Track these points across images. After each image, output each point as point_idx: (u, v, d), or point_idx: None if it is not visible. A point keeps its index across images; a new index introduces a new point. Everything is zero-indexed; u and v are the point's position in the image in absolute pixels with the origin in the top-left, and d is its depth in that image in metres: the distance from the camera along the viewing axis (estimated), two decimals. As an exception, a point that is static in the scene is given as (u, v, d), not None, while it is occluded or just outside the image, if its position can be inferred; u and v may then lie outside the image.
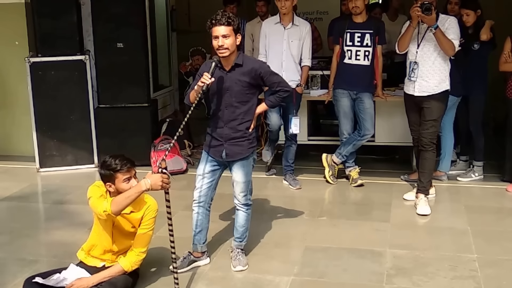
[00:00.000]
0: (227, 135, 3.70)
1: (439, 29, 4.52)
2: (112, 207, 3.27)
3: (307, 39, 5.27)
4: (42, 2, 5.86)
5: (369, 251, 4.07)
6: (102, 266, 3.51)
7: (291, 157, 5.52)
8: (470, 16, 5.20)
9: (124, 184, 3.39)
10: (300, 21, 5.31)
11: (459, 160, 5.77)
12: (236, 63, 3.63)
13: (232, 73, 3.64)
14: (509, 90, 5.14)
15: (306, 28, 5.28)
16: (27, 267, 3.86)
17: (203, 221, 3.85)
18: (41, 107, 6.01)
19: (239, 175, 3.77)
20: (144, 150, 5.93)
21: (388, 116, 5.74)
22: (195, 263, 3.88)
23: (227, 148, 3.71)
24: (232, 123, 3.69)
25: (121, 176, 3.38)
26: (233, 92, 3.65)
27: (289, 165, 5.54)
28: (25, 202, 5.29)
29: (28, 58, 5.94)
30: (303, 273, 3.78)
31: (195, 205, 3.84)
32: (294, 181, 5.50)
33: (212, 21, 3.53)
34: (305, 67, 5.34)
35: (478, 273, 3.73)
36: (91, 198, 3.41)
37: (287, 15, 5.19)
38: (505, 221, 4.61)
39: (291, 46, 5.21)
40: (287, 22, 5.22)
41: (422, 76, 4.69)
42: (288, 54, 5.21)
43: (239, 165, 3.76)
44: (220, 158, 3.75)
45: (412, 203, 4.90)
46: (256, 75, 3.65)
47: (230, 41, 3.53)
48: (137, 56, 6.01)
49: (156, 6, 6.83)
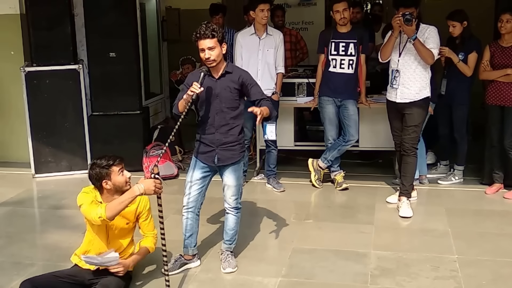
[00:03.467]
0: (219, 141, 3.76)
1: (417, 39, 4.65)
2: (106, 213, 3.33)
3: (280, 47, 5.41)
4: (37, 14, 5.92)
5: (354, 252, 4.15)
6: (97, 269, 3.56)
7: (272, 162, 5.62)
8: (456, 28, 5.30)
9: (119, 176, 3.50)
10: (273, 31, 5.45)
11: (440, 164, 5.86)
12: (227, 71, 3.73)
13: (221, 80, 3.73)
14: (488, 96, 5.24)
15: (279, 37, 5.43)
16: (23, 270, 3.91)
17: (193, 225, 3.92)
18: (36, 115, 6.06)
19: (231, 179, 3.83)
20: (137, 156, 6.01)
21: (371, 122, 5.81)
22: (186, 265, 3.95)
23: (219, 153, 3.77)
24: (223, 128, 3.75)
25: (116, 168, 3.50)
26: (223, 98, 3.73)
27: (271, 170, 5.64)
28: (21, 207, 5.34)
29: (23, 67, 5.99)
30: (290, 275, 3.85)
31: (184, 211, 3.90)
32: (277, 184, 5.61)
33: (197, 34, 3.63)
34: (280, 74, 5.46)
35: (458, 273, 3.81)
36: (83, 205, 3.45)
37: (263, 26, 5.33)
38: (484, 222, 4.70)
39: (267, 55, 5.34)
40: (262, 33, 5.35)
41: (403, 84, 4.80)
42: (264, 63, 5.34)
43: (231, 170, 3.82)
44: (212, 163, 3.80)
45: (395, 206, 4.98)
46: (242, 82, 3.75)
47: (216, 52, 3.63)
48: (129, 65, 6.09)
49: (148, 17, 6.91)
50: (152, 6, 7.06)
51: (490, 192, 5.33)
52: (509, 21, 5.02)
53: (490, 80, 5.23)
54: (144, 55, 6.51)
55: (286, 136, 6.05)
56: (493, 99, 5.22)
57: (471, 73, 5.33)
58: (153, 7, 7.07)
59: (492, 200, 5.23)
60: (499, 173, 5.34)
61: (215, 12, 6.71)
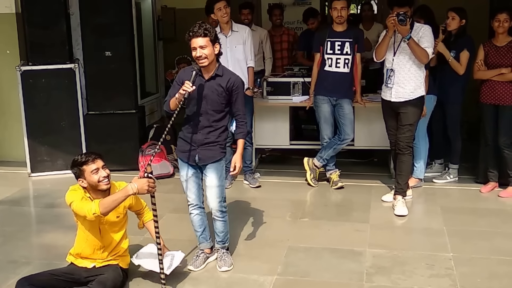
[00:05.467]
0: (200, 141, 3.77)
1: (412, 39, 4.67)
2: (100, 209, 3.35)
3: (248, 41, 5.42)
4: (32, 12, 5.91)
5: (349, 250, 4.16)
6: (93, 266, 3.58)
7: (248, 158, 5.66)
8: (455, 21, 5.30)
9: (93, 175, 3.48)
10: (238, 27, 5.47)
11: (435, 163, 5.88)
12: (217, 73, 3.72)
13: (210, 82, 3.72)
14: (482, 95, 5.27)
15: (246, 31, 5.45)
16: (19, 269, 3.92)
17: (203, 219, 3.96)
18: (32, 114, 6.06)
19: (213, 179, 3.81)
20: (132, 155, 6.04)
21: (367, 121, 5.82)
22: (209, 259, 4.00)
23: (200, 152, 3.78)
24: (206, 129, 3.76)
25: (87, 168, 3.47)
26: (209, 100, 3.72)
27: (247, 166, 5.67)
28: (17, 206, 5.34)
29: (19, 66, 5.99)
30: (286, 273, 3.87)
31: (191, 208, 3.92)
32: (253, 179, 5.64)
33: (190, 33, 3.63)
34: (250, 68, 5.47)
35: (453, 271, 3.82)
36: (73, 202, 3.45)
37: (227, 25, 5.35)
38: (479, 221, 4.71)
39: (236, 51, 5.35)
40: (227, 31, 5.37)
41: (398, 83, 4.83)
42: (234, 60, 5.33)
43: (212, 168, 3.81)
44: (193, 162, 3.82)
45: (390, 205, 4.99)
46: (230, 86, 3.73)
47: (208, 51, 3.62)
48: (125, 64, 6.08)
49: (143, 16, 6.90)
50: (147, 5, 7.06)
51: (485, 191, 5.36)
52: (507, 21, 5.05)
53: (484, 79, 5.24)
54: (139, 54, 6.50)
55: (281, 135, 6.06)
56: (488, 98, 5.24)
57: (463, 71, 5.34)
58: (149, 6, 7.06)
59: (487, 198, 5.25)
60: (494, 171, 5.36)
61: (211, 10, 6.69)
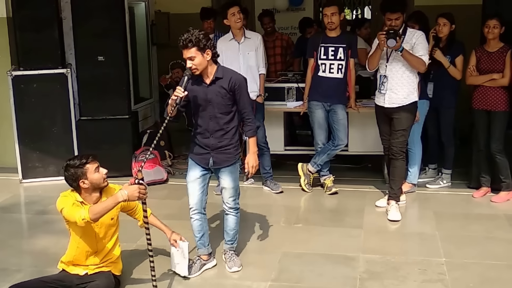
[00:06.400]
0: (214, 145, 3.80)
1: (405, 51, 4.69)
2: (90, 215, 3.34)
3: (260, 48, 5.45)
4: (24, 17, 5.88)
5: (343, 256, 4.17)
6: (85, 273, 3.56)
7: (267, 164, 5.67)
8: (446, 27, 5.33)
9: (96, 174, 3.49)
10: (251, 34, 5.49)
11: (428, 168, 5.89)
12: (217, 76, 3.74)
13: (213, 86, 3.74)
14: (474, 101, 5.29)
15: (258, 38, 5.47)
16: (10, 276, 3.88)
17: (203, 225, 3.97)
18: (24, 120, 6.02)
19: (228, 182, 3.87)
20: (126, 161, 6.00)
21: (360, 127, 5.84)
22: (205, 266, 4.00)
23: (214, 156, 3.81)
24: (218, 133, 3.79)
25: (91, 167, 3.48)
26: (215, 104, 3.75)
27: (267, 172, 5.69)
28: (8, 212, 5.31)
29: (10, 71, 5.95)
30: (280, 279, 3.87)
31: (192, 213, 3.93)
32: (275, 185, 5.66)
33: (180, 43, 3.64)
34: (261, 75, 5.49)
35: (446, 276, 3.84)
36: (64, 208, 3.44)
37: (240, 31, 5.36)
38: (472, 226, 4.73)
39: (248, 58, 5.38)
40: (240, 37, 5.39)
41: (391, 89, 4.84)
42: (246, 67, 5.34)
43: (227, 172, 3.85)
44: (206, 165, 3.84)
45: (384, 210, 5.00)
46: (232, 86, 3.74)
47: (197, 61, 3.63)
48: (118, 69, 6.06)
49: (137, 21, 6.91)
50: (141, 10, 7.05)
51: (478, 196, 5.38)
52: (496, 27, 5.08)
53: (476, 84, 5.27)
54: (133, 59, 6.50)
55: (276, 140, 6.05)
56: (480, 103, 5.26)
57: (460, 76, 5.38)
58: (142, 11, 7.06)
59: (480, 203, 5.27)
60: (486, 177, 5.38)
61: (207, 16, 6.69)
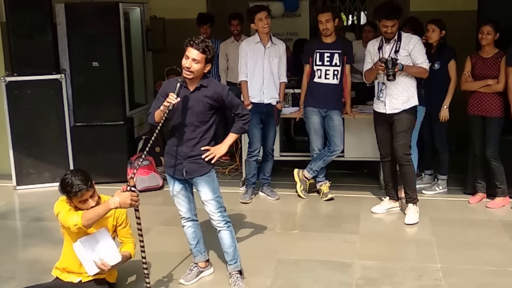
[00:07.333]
0: (185, 154, 3.71)
1: (405, 67, 4.73)
2: (83, 221, 3.33)
3: (283, 57, 5.46)
4: (18, 22, 5.86)
5: (339, 262, 4.17)
6: (79, 281, 3.54)
7: (268, 171, 5.67)
8: (435, 33, 5.36)
9: (80, 204, 3.44)
10: (277, 41, 5.49)
11: (424, 174, 5.91)
12: (201, 84, 3.67)
13: (195, 93, 3.68)
14: (470, 107, 5.31)
15: (283, 47, 5.48)
16: (4, 284, 3.87)
17: (196, 232, 3.93)
18: (18, 126, 6.00)
19: (205, 193, 3.75)
20: (121, 167, 5.98)
21: (356, 133, 5.84)
22: (202, 273, 3.96)
23: (186, 166, 3.73)
24: (191, 141, 3.71)
25: (76, 200, 3.43)
26: (195, 111, 3.68)
27: (265, 178, 5.68)
28: (2, 219, 5.28)
29: (4, 77, 5.93)
30: (276, 285, 3.86)
31: (184, 221, 3.89)
32: (272, 192, 5.66)
33: (191, 41, 3.57)
34: (282, 83, 5.50)
35: (442, 282, 3.86)
36: (60, 213, 3.44)
37: (267, 35, 5.36)
38: (468, 231, 4.75)
39: (272, 64, 5.37)
40: (267, 41, 5.37)
41: (391, 94, 4.85)
42: (269, 72, 5.36)
43: (203, 183, 3.74)
44: (181, 176, 3.76)
45: (380, 216, 5.04)
46: (218, 97, 3.69)
47: (198, 66, 3.57)
48: (113, 75, 6.04)
49: (132, 26, 6.88)
50: (136, 15, 7.04)
51: (473, 202, 5.38)
52: (490, 33, 5.10)
53: (472, 90, 5.29)
54: (128, 65, 6.47)
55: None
56: (475, 109, 5.28)
57: (455, 80, 5.40)
58: (138, 16, 7.04)
59: (475, 209, 5.28)
60: (482, 182, 5.39)
61: (203, 22, 6.68)
